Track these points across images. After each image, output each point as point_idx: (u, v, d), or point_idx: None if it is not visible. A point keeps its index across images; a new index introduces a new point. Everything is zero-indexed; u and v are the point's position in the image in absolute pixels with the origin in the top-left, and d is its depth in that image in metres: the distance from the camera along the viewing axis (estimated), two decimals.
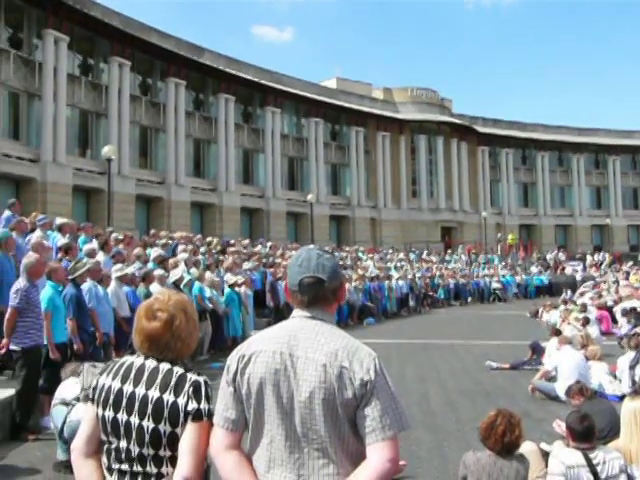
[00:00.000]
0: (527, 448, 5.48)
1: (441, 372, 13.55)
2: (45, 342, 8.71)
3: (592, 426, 5.28)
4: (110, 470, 2.70)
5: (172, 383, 2.66)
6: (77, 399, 6.77)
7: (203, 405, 2.64)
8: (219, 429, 2.53)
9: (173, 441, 2.63)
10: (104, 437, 2.72)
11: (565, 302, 26.18)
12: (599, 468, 5.12)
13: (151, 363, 2.74)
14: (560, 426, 7.38)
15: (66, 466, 6.63)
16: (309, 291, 2.54)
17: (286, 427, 2.42)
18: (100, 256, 12.81)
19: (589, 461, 5.14)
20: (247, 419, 2.51)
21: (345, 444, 2.40)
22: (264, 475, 2.46)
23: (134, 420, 2.65)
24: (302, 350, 2.44)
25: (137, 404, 2.65)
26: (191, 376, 2.70)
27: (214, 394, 2.65)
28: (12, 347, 8.24)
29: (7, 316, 8.28)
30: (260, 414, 2.46)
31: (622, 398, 9.33)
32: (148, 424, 2.63)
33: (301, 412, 2.39)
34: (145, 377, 2.69)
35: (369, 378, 2.36)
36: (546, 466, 5.50)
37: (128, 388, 2.69)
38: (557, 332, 13.46)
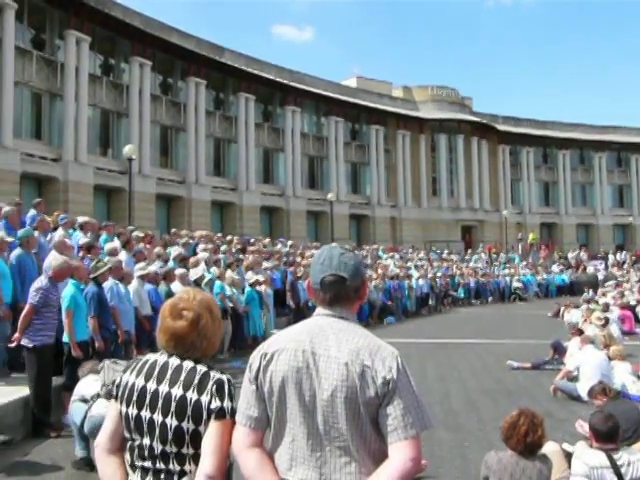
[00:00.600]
0: (549, 448, 5.43)
1: (462, 371, 13.50)
2: (65, 340, 8.82)
3: (616, 427, 5.22)
4: (133, 467, 2.71)
5: (195, 381, 2.67)
6: (97, 395, 6.80)
7: (226, 403, 2.64)
8: (241, 427, 2.53)
9: (196, 439, 2.63)
10: (127, 434, 2.73)
11: (587, 301, 25.99)
12: (623, 470, 5.06)
13: (175, 361, 2.74)
14: (583, 426, 7.31)
15: (86, 464, 6.69)
16: (331, 289, 2.53)
17: (308, 425, 2.41)
18: (122, 255, 12.88)
19: (613, 462, 5.08)
20: (269, 417, 2.51)
21: (367, 443, 2.39)
22: (286, 473, 2.46)
23: (157, 417, 2.65)
24: (324, 348, 2.43)
25: (160, 402, 2.66)
26: (214, 374, 2.70)
27: (237, 392, 2.65)
28: (23, 342, 8.31)
29: (24, 312, 8.37)
30: (282, 412, 2.46)
31: None
32: (171, 422, 2.64)
33: (323, 410, 2.39)
34: (169, 375, 2.70)
35: (391, 377, 2.35)
36: (569, 467, 5.46)
37: (152, 386, 2.70)
38: (579, 332, 13.35)
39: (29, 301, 8.40)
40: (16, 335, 8.37)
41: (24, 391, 8.35)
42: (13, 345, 8.47)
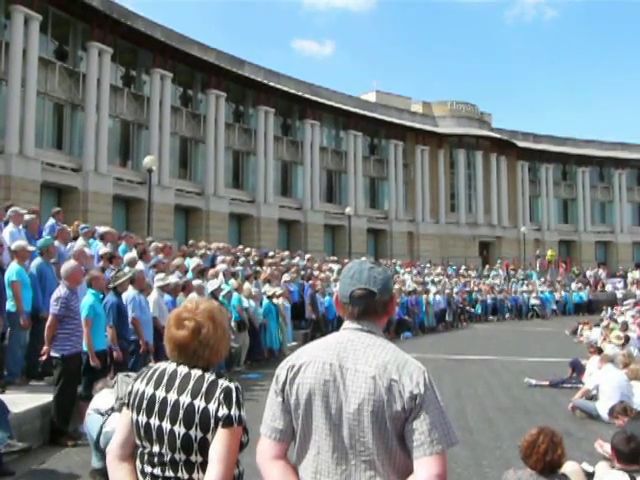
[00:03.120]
0: (569, 468, 5.39)
1: (478, 388, 13.42)
2: (85, 349, 8.82)
3: (639, 447, 5.17)
4: (144, 474, 2.73)
5: (203, 389, 2.68)
6: (112, 409, 6.81)
7: (234, 411, 2.65)
8: (266, 439, 2.53)
9: (204, 447, 2.64)
10: (138, 441, 2.76)
11: (601, 320, 25.88)
12: None
13: (183, 369, 2.76)
14: (602, 446, 7.25)
15: (102, 474, 6.71)
16: (360, 303, 2.53)
17: (334, 438, 2.41)
18: (139, 265, 12.93)
19: None
20: (294, 429, 2.51)
21: (392, 457, 2.38)
22: None
23: (166, 425, 2.67)
24: (352, 362, 2.43)
25: (169, 409, 2.68)
26: (222, 382, 2.71)
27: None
28: (52, 354, 8.36)
29: (48, 323, 8.43)
30: (308, 425, 2.46)
31: None
32: (179, 429, 2.65)
33: (349, 424, 2.38)
34: (177, 383, 2.72)
35: (418, 392, 2.34)
36: None
37: (161, 393, 2.72)
38: (598, 350, 13.25)
39: (51, 312, 8.45)
40: (45, 348, 8.43)
41: (42, 399, 8.40)
42: (44, 358, 8.50)
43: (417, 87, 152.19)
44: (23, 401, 8.29)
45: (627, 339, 17.00)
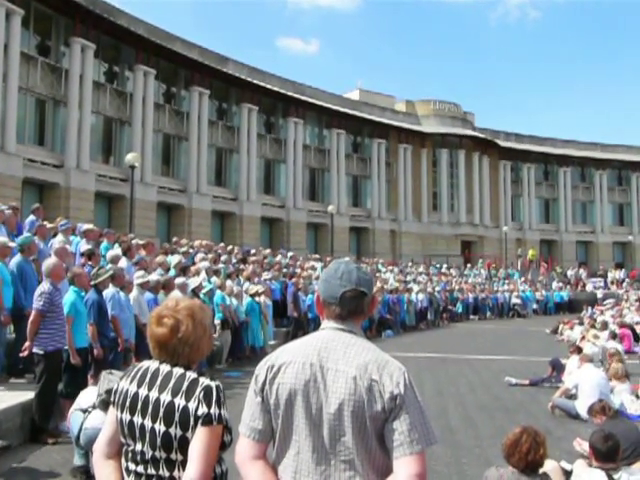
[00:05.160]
0: (548, 466, 5.42)
1: (459, 387, 13.48)
2: (66, 346, 8.76)
3: (616, 446, 5.21)
4: (128, 471, 2.75)
5: (184, 387, 2.69)
6: (93, 406, 6.79)
7: (213, 410, 2.65)
8: (245, 439, 2.52)
9: (184, 445, 2.64)
10: (122, 439, 2.77)
11: (580, 318, 26.11)
12: None
13: (165, 368, 2.77)
14: (581, 445, 7.31)
15: (83, 472, 6.68)
16: (350, 304, 2.54)
17: (314, 438, 2.41)
18: (123, 262, 12.86)
19: None
20: (274, 429, 2.50)
21: (372, 457, 2.39)
22: None
23: (147, 423, 2.68)
24: (332, 362, 2.43)
25: (150, 407, 2.69)
26: (203, 380, 2.71)
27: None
28: (34, 350, 8.28)
29: (31, 319, 8.33)
30: (288, 425, 2.45)
31: None
32: (160, 427, 2.66)
33: (330, 424, 2.38)
34: (159, 381, 2.73)
35: (399, 392, 2.35)
36: None
37: (143, 392, 2.73)
38: (578, 349, 13.35)
39: (34, 307, 8.36)
40: (27, 344, 8.31)
41: (23, 397, 8.34)
42: (25, 354, 8.41)
43: (401, 86, 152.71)
44: (4, 398, 8.25)
45: (614, 335, 17.23)
